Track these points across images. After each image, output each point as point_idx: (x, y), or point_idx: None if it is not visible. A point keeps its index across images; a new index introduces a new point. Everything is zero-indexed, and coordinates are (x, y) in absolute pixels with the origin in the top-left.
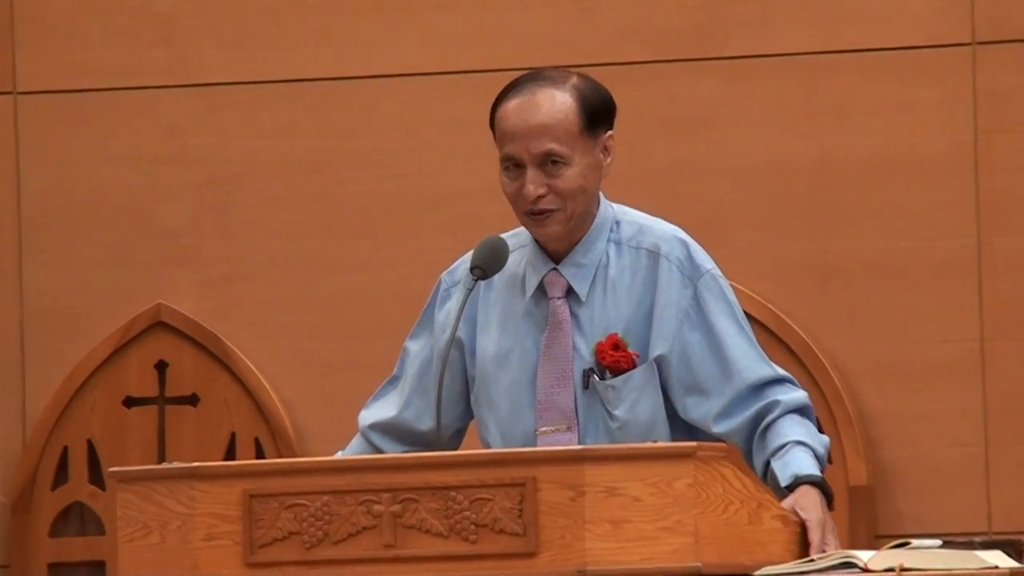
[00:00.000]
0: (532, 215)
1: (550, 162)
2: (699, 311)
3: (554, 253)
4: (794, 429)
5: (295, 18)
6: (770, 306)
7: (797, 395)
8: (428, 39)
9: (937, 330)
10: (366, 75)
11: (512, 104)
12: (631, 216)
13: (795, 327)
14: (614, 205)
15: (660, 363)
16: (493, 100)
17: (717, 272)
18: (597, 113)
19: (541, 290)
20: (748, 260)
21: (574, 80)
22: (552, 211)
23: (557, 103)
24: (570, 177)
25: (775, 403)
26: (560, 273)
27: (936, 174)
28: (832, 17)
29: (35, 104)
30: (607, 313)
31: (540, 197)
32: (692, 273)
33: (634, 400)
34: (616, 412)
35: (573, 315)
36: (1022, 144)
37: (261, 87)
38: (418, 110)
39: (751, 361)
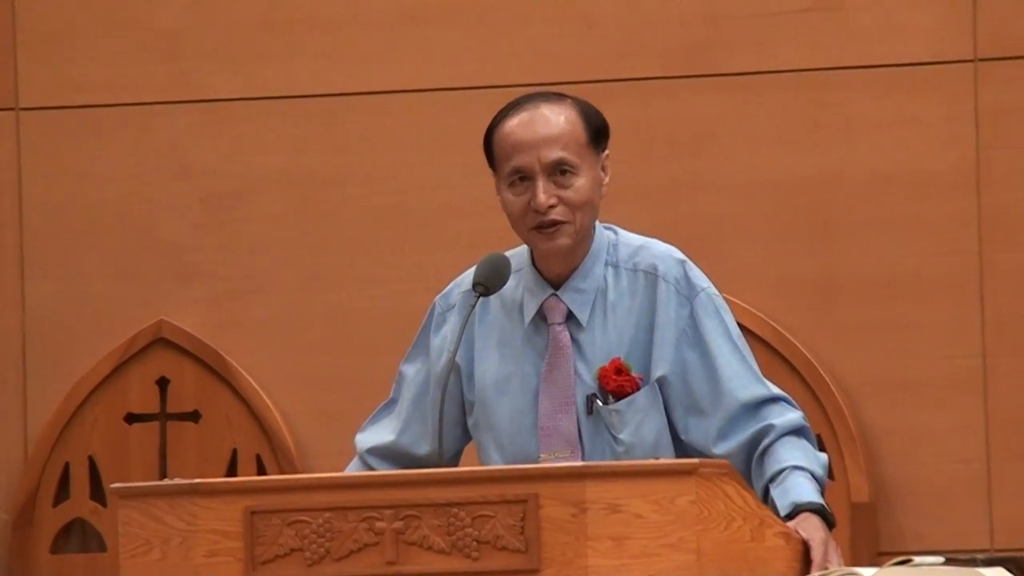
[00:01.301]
0: (541, 228)
1: (559, 172)
2: (695, 330)
3: (553, 278)
4: (791, 453)
5: (297, 34)
6: (771, 322)
7: (792, 416)
8: (431, 55)
9: (939, 346)
10: (368, 91)
11: (515, 120)
12: (626, 237)
13: (796, 343)
14: (608, 227)
15: (662, 384)
16: (490, 122)
17: (713, 291)
18: (599, 128)
19: (540, 316)
20: (750, 276)
21: (571, 99)
22: (562, 223)
23: (563, 115)
24: (580, 188)
25: (770, 427)
26: (560, 299)
27: (938, 190)
28: (834, 34)
29: (37, 120)
30: (608, 337)
31: (551, 207)
32: (688, 292)
33: (639, 423)
34: (621, 435)
35: (574, 340)
36: None
37: (263, 103)
38: (421, 126)
39: (743, 379)
